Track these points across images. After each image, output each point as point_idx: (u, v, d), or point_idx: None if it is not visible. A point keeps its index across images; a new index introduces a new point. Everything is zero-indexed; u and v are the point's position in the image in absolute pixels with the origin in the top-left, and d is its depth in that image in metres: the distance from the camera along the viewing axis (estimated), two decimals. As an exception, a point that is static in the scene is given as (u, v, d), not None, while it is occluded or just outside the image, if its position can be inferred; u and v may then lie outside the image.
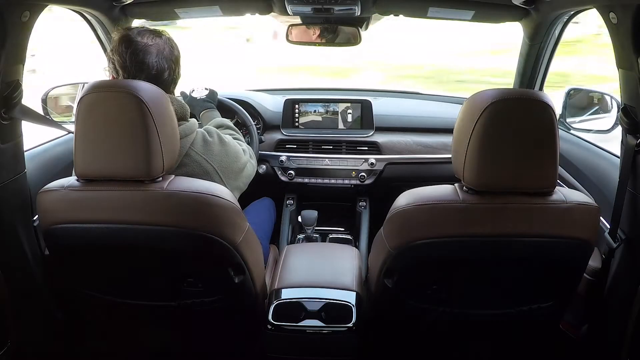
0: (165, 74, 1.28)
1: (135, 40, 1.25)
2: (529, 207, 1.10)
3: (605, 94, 1.76)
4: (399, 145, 2.19)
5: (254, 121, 2.05)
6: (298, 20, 1.94)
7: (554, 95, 1.38)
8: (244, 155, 1.43)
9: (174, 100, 1.28)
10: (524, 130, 1.06)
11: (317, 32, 1.95)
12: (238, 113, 2.02)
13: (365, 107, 2.21)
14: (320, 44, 1.97)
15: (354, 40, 1.94)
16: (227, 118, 2.02)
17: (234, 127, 1.60)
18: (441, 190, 1.15)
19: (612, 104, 1.71)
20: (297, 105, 2.23)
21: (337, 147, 2.20)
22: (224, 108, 1.99)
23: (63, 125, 1.59)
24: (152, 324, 1.34)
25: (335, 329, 1.28)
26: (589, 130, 1.79)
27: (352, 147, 2.19)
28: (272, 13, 1.83)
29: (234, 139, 1.50)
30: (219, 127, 1.56)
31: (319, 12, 1.76)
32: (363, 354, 1.35)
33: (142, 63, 1.25)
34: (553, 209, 1.11)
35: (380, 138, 2.19)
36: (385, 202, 1.36)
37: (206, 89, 1.77)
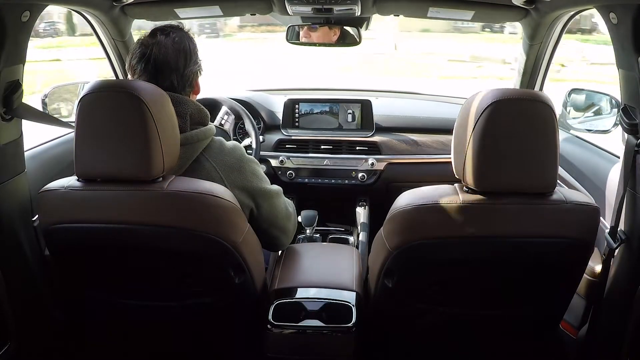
0: (166, 75, 1.23)
1: (141, 43, 1.23)
2: (529, 208, 1.10)
3: (606, 94, 1.76)
4: (399, 145, 2.19)
5: (254, 121, 2.05)
6: (298, 20, 1.94)
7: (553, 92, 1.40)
8: (270, 185, 1.34)
9: (189, 103, 1.24)
10: (524, 130, 1.06)
11: (317, 33, 1.95)
12: (241, 114, 2.02)
13: (365, 107, 2.21)
14: (320, 44, 1.97)
15: (354, 40, 1.94)
16: (231, 120, 2.04)
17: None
18: (441, 191, 1.15)
19: (612, 104, 1.71)
20: (297, 105, 2.23)
21: (337, 147, 2.20)
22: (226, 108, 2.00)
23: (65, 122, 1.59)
24: (152, 324, 1.34)
25: (335, 329, 1.28)
26: (589, 130, 1.79)
27: (352, 147, 2.19)
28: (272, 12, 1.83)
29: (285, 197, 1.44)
30: None
31: (319, 12, 1.76)
32: (363, 354, 1.35)
33: (140, 65, 1.22)
34: (553, 209, 1.11)
35: (380, 138, 2.19)
36: (385, 202, 1.36)
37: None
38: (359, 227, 2.22)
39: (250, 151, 1.93)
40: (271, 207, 1.33)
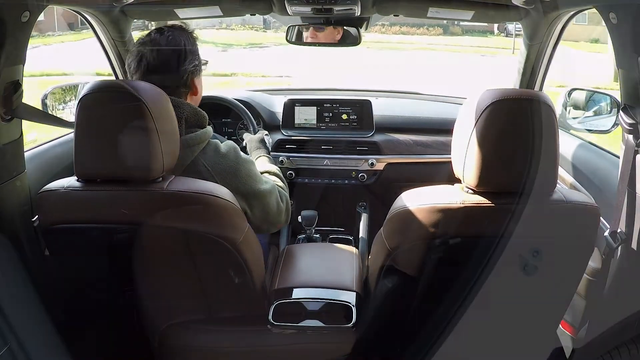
0: (158, 74, 1.23)
1: (139, 42, 1.25)
2: (529, 208, 1.10)
3: (606, 94, 1.76)
4: (399, 145, 2.19)
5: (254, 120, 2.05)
6: (298, 20, 1.94)
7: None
8: (263, 184, 1.34)
9: (184, 106, 1.25)
10: (524, 130, 1.06)
11: (317, 33, 1.95)
12: (242, 114, 2.03)
13: (365, 107, 2.21)
14: (320, 44, 1.97)
15: (354, 40, 1.94)
16: (233, 120, 2.05)
17: (282, 176, 1.54)
18: (441, 191, 1.15)
19: (612, 104, 1.71)
20: (297, 106, 2.23)
21: (337, 147, 2.19)
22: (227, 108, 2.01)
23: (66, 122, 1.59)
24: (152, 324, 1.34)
25: (335, 329, 1.28)
26: (589, 130, 1.79)
27: (352, 147, 2.19)
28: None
29: (280, 187, 1.45)
30: (267, 172, 1.53)
31: (319, 13, 1.75)
32: (363, 354, 1.35)
33: (133, 64, 1.24)
34: (553, 209, 1.11)
35: (380, 138, 2.19)
36: (385, 202, 1.36)
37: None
38: (358, 227, 2.22)
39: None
40: (263, 207, 1.34)
